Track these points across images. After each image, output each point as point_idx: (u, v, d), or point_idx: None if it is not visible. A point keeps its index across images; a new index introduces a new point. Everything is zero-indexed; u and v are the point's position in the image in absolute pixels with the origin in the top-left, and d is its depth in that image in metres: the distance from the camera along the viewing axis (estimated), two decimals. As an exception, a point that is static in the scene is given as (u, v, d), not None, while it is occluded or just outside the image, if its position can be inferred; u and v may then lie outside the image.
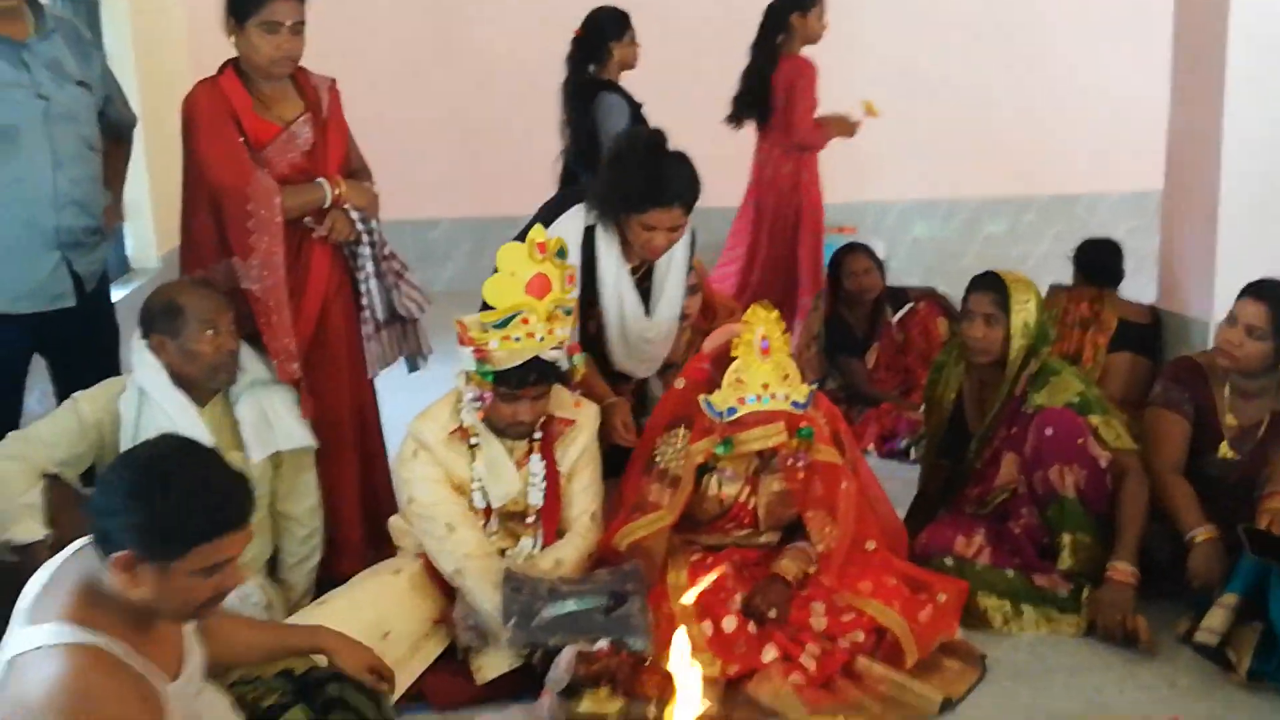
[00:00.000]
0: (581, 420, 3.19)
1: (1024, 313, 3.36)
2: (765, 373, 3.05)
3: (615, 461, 3.33)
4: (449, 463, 3.05)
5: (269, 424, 3.03)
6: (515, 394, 2.97)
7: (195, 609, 1.96)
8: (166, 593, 1.88)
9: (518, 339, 2.93)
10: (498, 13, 7.29)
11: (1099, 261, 4.50)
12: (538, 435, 3.12)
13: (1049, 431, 3.25)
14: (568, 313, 3.05)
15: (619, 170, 3.27)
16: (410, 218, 6.19)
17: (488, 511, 3.09)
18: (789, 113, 5.29)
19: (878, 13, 7.45)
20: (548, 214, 3.40)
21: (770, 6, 5.37)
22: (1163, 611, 3.21)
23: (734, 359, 3.06)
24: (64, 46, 3.19)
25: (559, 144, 5.20)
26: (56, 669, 1.79)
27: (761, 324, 3.08)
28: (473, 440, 3.05)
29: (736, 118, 5.49)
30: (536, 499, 3.12)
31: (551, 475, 3.14)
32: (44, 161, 3.10)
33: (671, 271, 3.51)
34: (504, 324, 2.92)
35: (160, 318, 2.92)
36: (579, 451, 3.17)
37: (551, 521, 3.16)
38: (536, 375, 2.97)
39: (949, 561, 3.35)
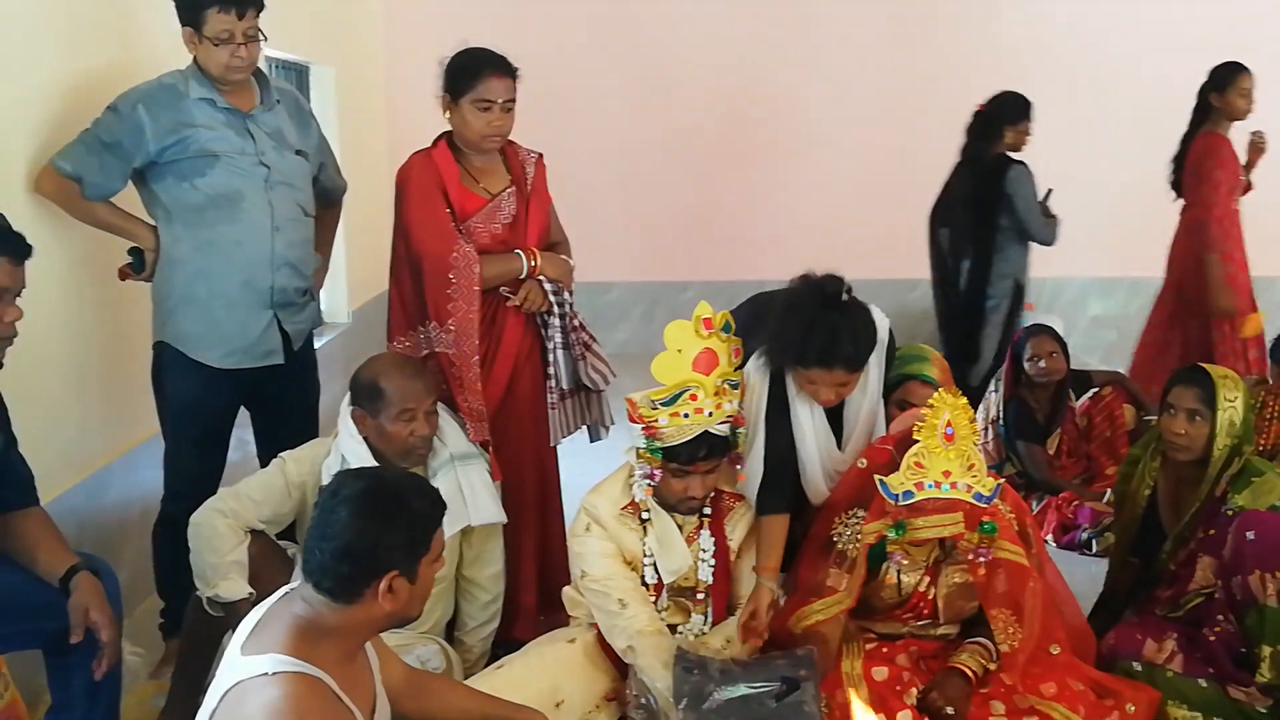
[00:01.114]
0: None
1: (1231, 410, 3.23)
2: (947, 460, 2.98)
3: (790, 540, 3.30)
4: (621, 537, 3.07)
5: (463, 499, 3.10)
6: (686, 470, 2.99)
7: (425, 602, 2.16)
8: (416, 594, 2.08)
9: (686, 415, 2.95)
10: (686, 84, 7.42)
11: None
12: (707, 511, 3.13)
13: (1250, 535, 3.09)
14: (734, 387, 3.06)
15: (786, 323, 3.08)
16: (585, 280, 6.35)
17: (659, 587, 3.10)
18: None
19: (1050, 76, 7.29)
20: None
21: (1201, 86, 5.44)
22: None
23: (916, 442, 3.01)
24: (286, 117, 3.38)
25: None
26: (278, 694, 1.89)
27: (948, 409, 3.01)
28: (644, 515, 3.08)
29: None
30: (707, 575, 3.13)
31: (722, 551, 3.15)
32: (264, 225, 3.28)
33: (865, 405, 3.29)
34: (672, 401, 2.95)
35: (364, 394, 3.03)
36: (749, 527, 3.17)
37: (722, 597, 3.16)
38: (707, 450, 2.99)
39: (1138, 667, 3.19)
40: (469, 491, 3.12)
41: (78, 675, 2.54)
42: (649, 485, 3.04)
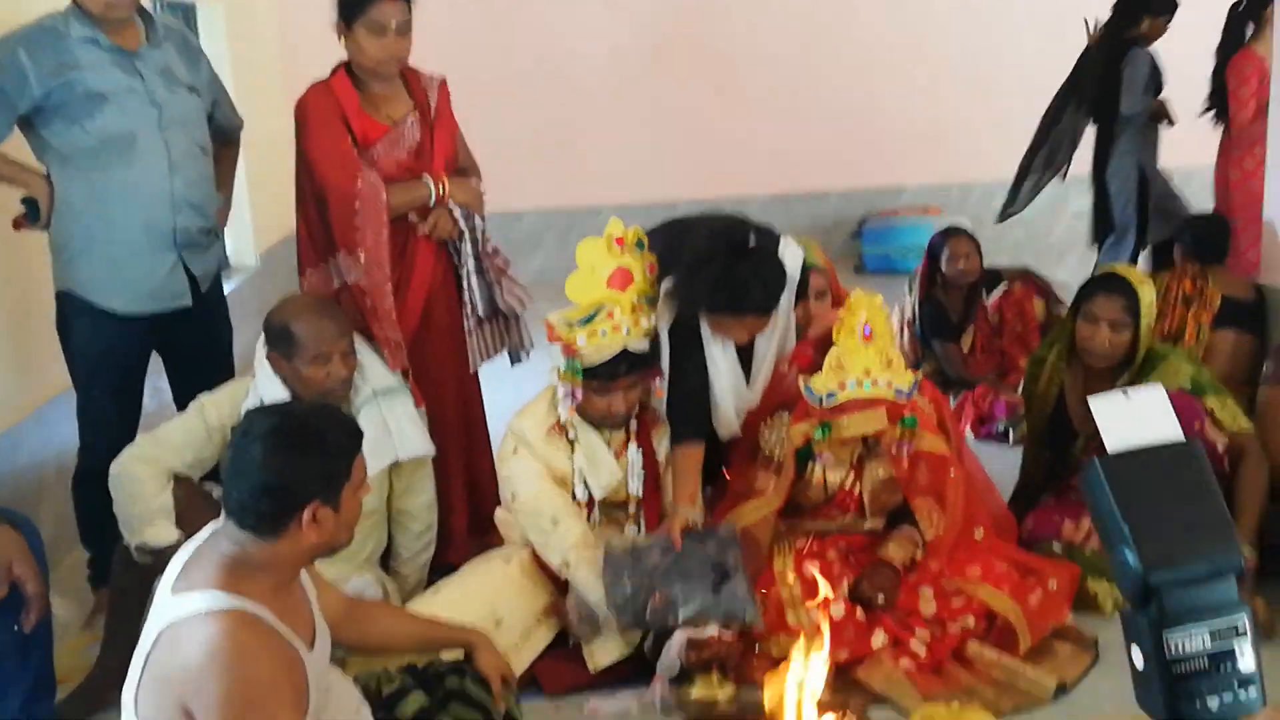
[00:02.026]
0: None
1: (1149, 315, 3.29)
2: (867, 358, 3.04)
3: (717, 448, 3.35)
4: (549, 457, 3.09)
5: (388, 433, 3.08)
6: (608, 387, 3.01)
7: (355, 526, 2.13)
8: (341, 522, 2.06)
9: (604, 333, 2.97)
10: (584, 9, 7.32)
11: (1205, 237, 4.41)
12: (634, 425, 3.15)
13: (1164, 417, 3.18)
14: (651, 302, 3.08)
15: (696, 277, 3.09)
16: (496, 210, 6.30)
17: (590, 503, 3.13)
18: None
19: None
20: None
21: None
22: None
23: (835, 344, 3.06)
24: (174, 54, 3.28)
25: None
26: (214, 632, 1.89)
27: (864, 309, 3.07)
28: (570, 434, 3.09)
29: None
30: (636, 488, 3.16)
31: (650, 463, 3.18)
32: (160, 166, 3.19)
33: (774, 342, 3.33)
34: (589, 320, 2.96)
35: (277, 338, 2.98)
36: None
37: (653, 509, 3.20)
38: (627, 367, 3.01)
39: (1057, 547, 3.31)
40: (394, 425, 3.10)
41: (5, 630, 2.50)
42: (572, 404, 3.05)
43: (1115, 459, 1.00)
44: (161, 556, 2.72)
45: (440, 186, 3.28)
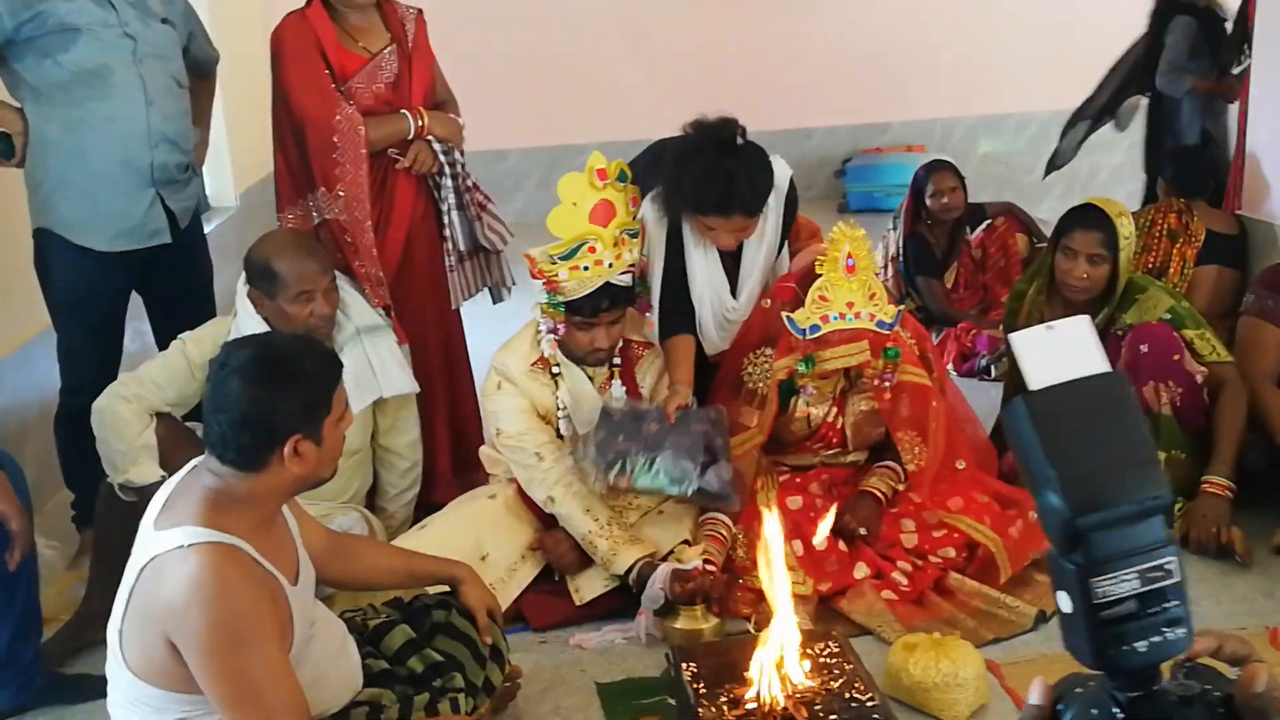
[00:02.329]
0: (658, 341, 3.21)
1: (1128, 247, 3.29)
2: (850, 291, 3.04)
3: (702, 382, 3.35)
4: (533, 393, 3.08)
5: (372, 372, 3.07)
6: (590, 322, 2.99)
7: (338, 460, 2.13)
8: (324, 455, 2.04)
9: (586, 268, 2.94)
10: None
11: (1188, 171, 4.40)
12: (617, 361, 3.14)
13: (1144, 349, 3.19)
14: (634, 235, 3.05)
15: (682, 171, 3.06)
16: (479, 149, 6.26)
17: (575, 438, 3.13)
18: None
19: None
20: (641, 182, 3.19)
21: None
22: (1259, 522, 3.19)
23: (819, 277, 3.05)
24: (148, -15, 3.22)
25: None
26: (196, 564, 1.89)
27: (847, 242, 3.05)
28: (554, 369, 3.09)
29: None
30: (619, 422, 3.15)
31: (634, 398, 3.17)
32: (136, 100, 3.15)
33: (762, 253, 3.29)
34: (571, 255, 2.93)
35: (259, 276, 2.96)
36: (658, 372, 3.21)
37: (638, 446, 3.20)
38: (609, 301, 2.98)
39: (1037, 478, 3.33)
40: (378, 363, 3.10)
41: (-10, 568, 2.51)
42: (554, 339, 3.04)
43: (1039, 397, 0.94)
44: (145, 495, 2.72)
45: (419, 120, 3.24)
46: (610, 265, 2.97)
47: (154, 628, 1.91)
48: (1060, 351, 0.98)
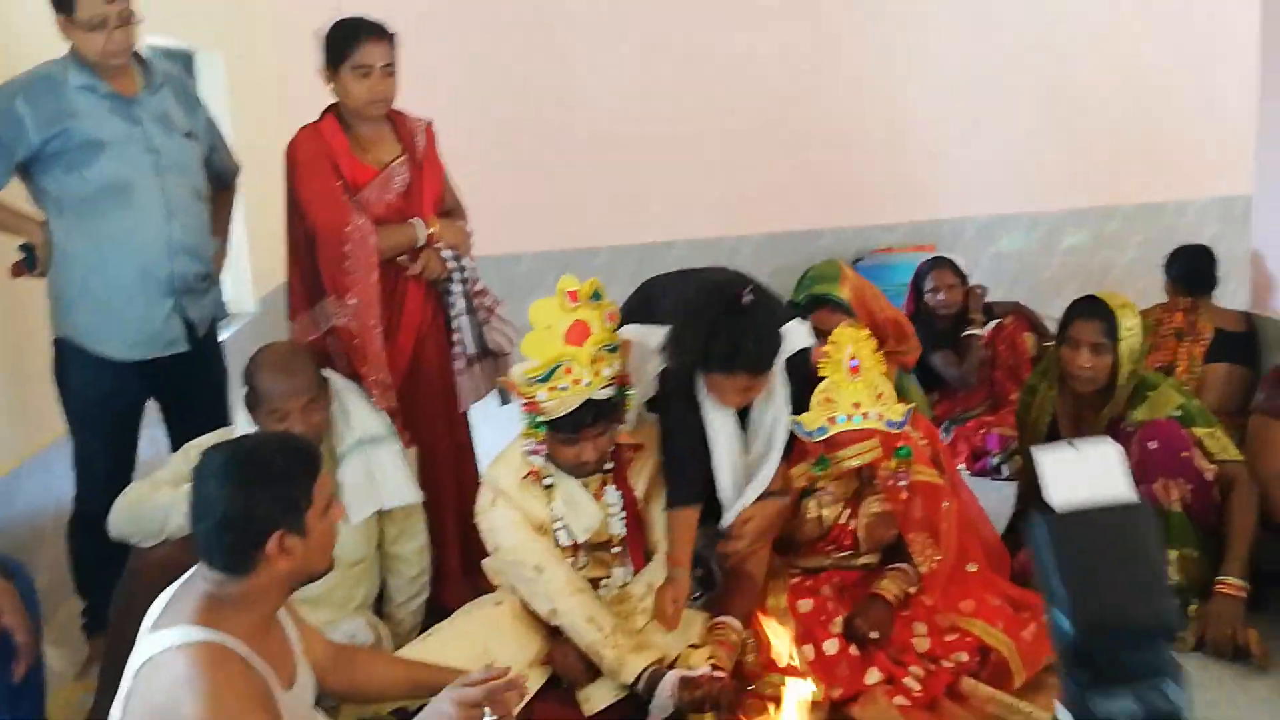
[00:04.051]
0: (649, 442, 3.19)
1: (1131, 338, 3.31)
2: (856, 392, 3.05)
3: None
4: (527, 506, 3.05)
5: (374, 483, 3.06)
6: (574, 438, 2.96)
7: (330, 552, 2.14)
8: (313, 548, 2.06)
9: (565, 388, 2.91)
10: (582, 47, 7.38)
11: (1193, 268, 4.43)
12: (609, 465, 3.12)
13: (1153, 445, 3.20)
14: (612, 350, 3.02)
15: (689, 327, 3.00)
16: (494, 253, 6.37)
17: (575, 548, 3.10)
18: None
19: (950, 21, 7.42)
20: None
21: None
22: (1274, 623, 3.15)
23: (823, 379, 3.07)
24: (172, 100, 3.31)
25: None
26: (186, 665, 1.89)
27: (850, 343, 3.08)
28: (546, 481, 3.06)
29: None
30: (618, 528, 3.12)
31: (629, 501, 3.15)
32: (157, 212, 3.22)
33: (770, 412, 3.18)
34: (547, 377, 2.91)
35: (248, 390, 2.98)
36: (652, 473, 3.19)
37: (637, 547, 3.17)
38: (592, 417, 2.95)
39: (1051, 579, 3.30)
40: (380, 474, 3.08)
41: (-3, 680, 2.50)
42: (537, 462, 3.02)
43: (1061, 519, 0.96)
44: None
45: (429, 228, 3.31)
46: (588, 383, 2.93)
47: None
48: (1085, 473, 1.00)
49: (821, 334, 3.59)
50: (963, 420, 4.79)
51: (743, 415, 3.21)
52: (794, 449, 3.14)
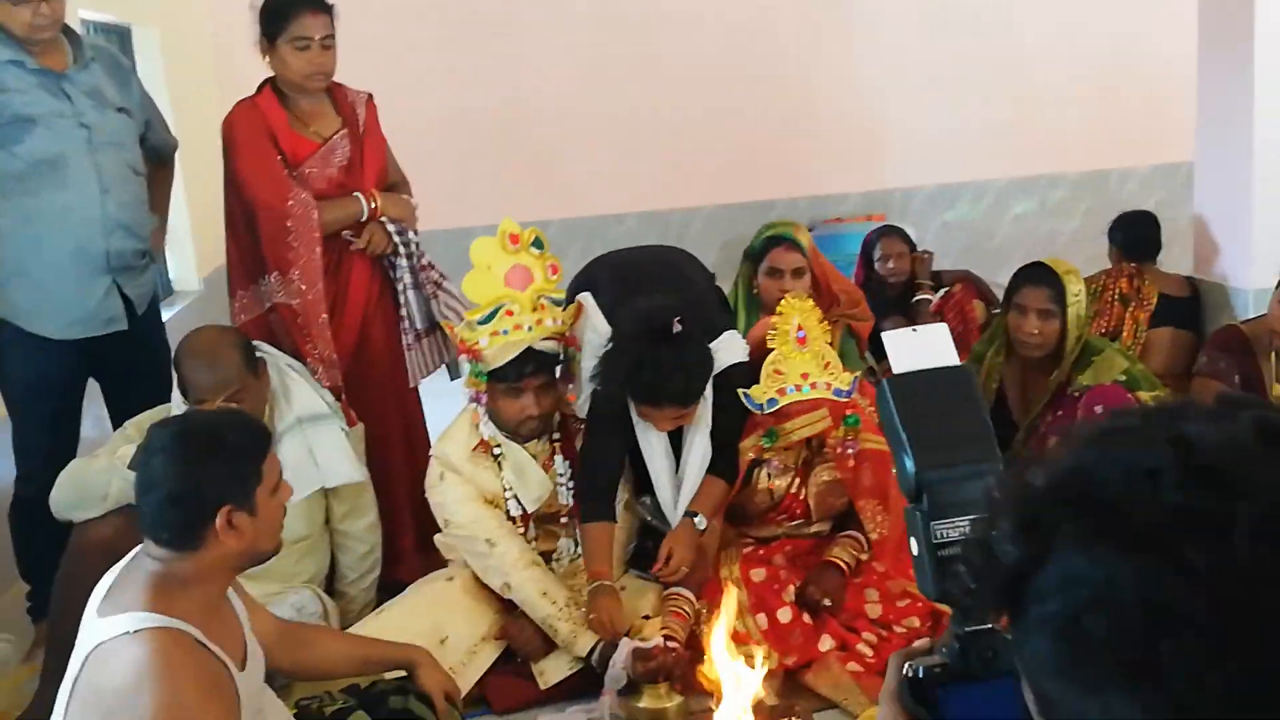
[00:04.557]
0: None
1: (1077, 304, 3.33)
2: (804, 363, 3.06)
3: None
4: (477, 478, 3.05)
5: (314, 463, 3.01)
6: (517, 387, 2.95)
7: (279, 533, 2.10)
8: (262, 526, 2.02)
9: (505, 332, 2.91)
10: (531, 18, 7.32)
11: (1138, 235, 4.46)
12: (557, 435, 3.12)
13: (1099, 410, 3.22)
14: (555, 303, 3.02)
15: (617, 358, 2.96)
16: (443, 227, 6.32)
17: (525, 519, 3.10)
18: None
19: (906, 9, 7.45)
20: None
21: None
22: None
23: (771, 351, 3.07)
24: (103, 75, 3.24)
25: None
26: (141, 650, 1.85)
27: (796, 314, 3.08)
28: (495, 451, 3.05)
29: None
30: (567, 498, 3.14)
31: (578, 472, 3.15)
32: (91, 188, 3.15)
33: (698, 434, 3.12)
34: (489, 319, 2.91)
35: (176, 374, 2.94)
36: None
37: (586, 519, 3.16)
38: (534, 366, 2.94)
39: (1001, 543, 3.33)
40: (320, 453, 3.03)
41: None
42: (480, 409, 3.00)
43: (899, 378, 1.14)
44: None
45: (372, 202, 3.27)
46: (530, 329, 2.93)
47: (98, 716, 1.87)
48: (922, 348, 1.25)
49: (777, 272, 3.69)
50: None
51: (675, 437, 3.16)
52: (744, 425, 3.14)
